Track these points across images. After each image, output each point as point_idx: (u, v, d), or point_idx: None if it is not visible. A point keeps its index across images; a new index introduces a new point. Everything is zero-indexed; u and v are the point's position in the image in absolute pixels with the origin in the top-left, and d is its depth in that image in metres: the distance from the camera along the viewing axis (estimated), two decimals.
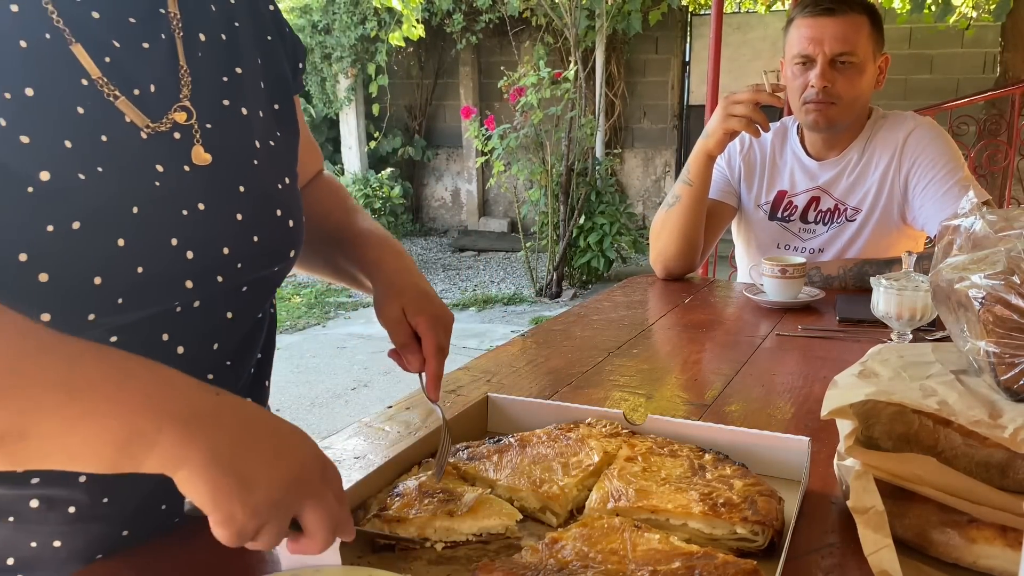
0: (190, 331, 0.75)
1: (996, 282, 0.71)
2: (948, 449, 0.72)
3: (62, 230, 0.64)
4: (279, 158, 0.84)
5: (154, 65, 0.74)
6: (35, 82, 0.65)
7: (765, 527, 0.70)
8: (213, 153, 0.76)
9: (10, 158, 0.63)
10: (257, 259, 0.79)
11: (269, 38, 0.88)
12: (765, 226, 1.94)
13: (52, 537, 0.73)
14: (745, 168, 1.95)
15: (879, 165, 1.82)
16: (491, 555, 0.72)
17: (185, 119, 0.74)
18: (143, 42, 0.74)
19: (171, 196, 0.72)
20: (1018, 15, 5.42)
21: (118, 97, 0.70)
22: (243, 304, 0.80)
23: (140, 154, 0.70)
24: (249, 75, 0.83)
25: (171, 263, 0.71)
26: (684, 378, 1.23)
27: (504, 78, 5.89)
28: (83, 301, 0.66)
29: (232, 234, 0.76)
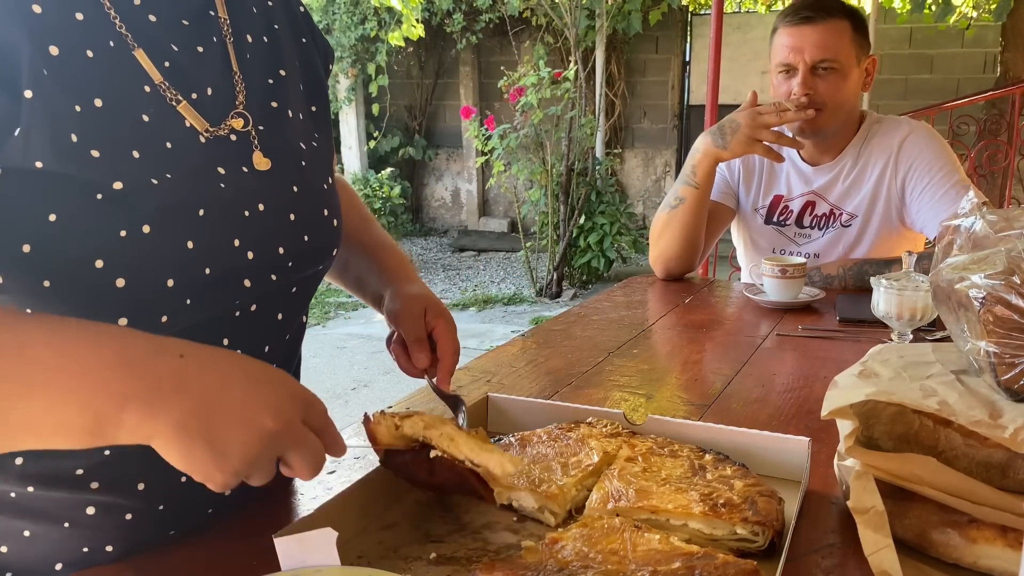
0: (246, 334, 0.76)
1: (996, 282, 0.71)
2: (948, 449, 0.72)
3: (134, 235, 0.64)
4: (321, 159, 0.84)
5: (210, 69, 0.75)
6: (104, 93, 0.65)
7: (765, 527, 0.70)
8: (270, 157, 0.77)
9: (82, 171, 0.63)
10: (306, 258, 0.80)
11: (304, 40, 0.88)
12: (762, 230, 1.95)
13: (105, 542, 0.73)
14: (744, 171, 1.96)
15: (874, 170, 1.82)
16: (491, 555, 0.72)
17: (242, 125, 0.75)
18: (198, 45, 0.74)
19: (233, 198, 0.73)
20: (1018, 15, 5.42)
21: (179, 102, 0.70)
22: (292, 305, 0.82)
23: (202, 158, 0.71)
24: (291, 77, 0.83)
25: (234, 263, 0.72)
26: (684, 378, 1.23)
27: (504, 78, 5.89)
28: (157, 304, 0.67)
29: (286, 234, 0.77)
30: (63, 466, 0.70)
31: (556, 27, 6.90)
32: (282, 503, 0.82)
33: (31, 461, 0.70)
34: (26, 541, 0.72)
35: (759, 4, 7.54)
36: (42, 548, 0.72)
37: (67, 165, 0.62)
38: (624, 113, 8.11)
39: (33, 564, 0.72)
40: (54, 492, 0.71)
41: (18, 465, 0.70)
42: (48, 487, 0.71)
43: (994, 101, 5.22)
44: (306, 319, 0.90)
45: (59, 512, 0.71)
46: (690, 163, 1.82)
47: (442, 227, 9.00)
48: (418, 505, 0.81)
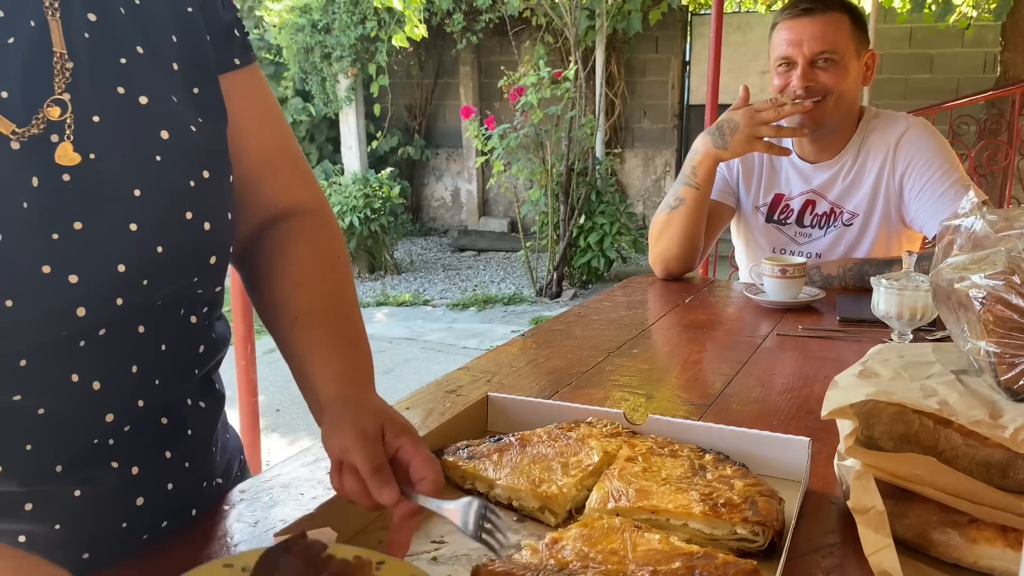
0: (101, 363, 0.67)
1: (996, 282, 0.71)
2: (948, 449, 0.72)
3: None
4: (195, 150, 0.71)
5: (20, 59, 0.63)
6: None
7: (765, 527, 0.70)
8: (94, 151, 0.64)
9: None
10: (166, 272, 0.68)
11: (190, 10, 0.74)
12: (763, 229, 1.94)
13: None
14: (743, 170, 1.96)
15: (873, 168, 1.82)
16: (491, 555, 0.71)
17: (58, 114, 0.63)
18: (8, 37, 0.63)
19: (41, 216, 0.62)
20: (1018, 15, 5.42)
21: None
22: (159, 319, 0.71)
23: (10, 169, 0.61)
24: (154, 57, 0.70)
25: (48, 292, 0.62)
26: (684, 378, 1.23)
27: (504, 78, 5.89)
28: None
29: (126, 248, 0.65)
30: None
31: (556, 27, 6.91)
32: (283, 503, 0.82)
33: None
34: None
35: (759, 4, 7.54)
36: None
37: None
38: (624, 113, 8.11)
39: None
40: None
41: None
42: None
43: (994, 101, 5.22)
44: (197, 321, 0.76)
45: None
46: (690, 164, 1.82)
47: (442, 227, 9.00)
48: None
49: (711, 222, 1.92)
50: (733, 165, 1.96)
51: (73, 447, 0.68)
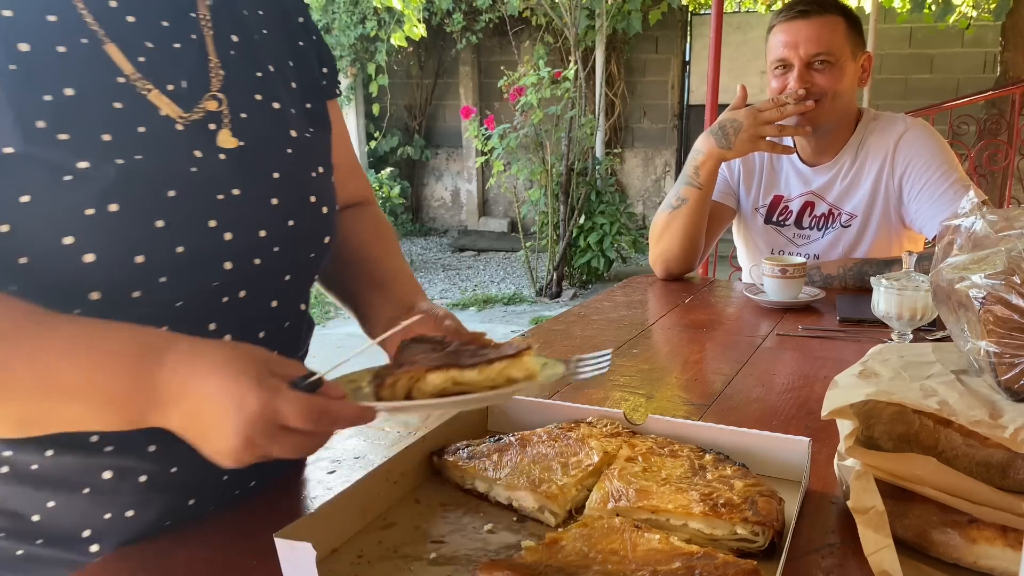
0: (236, 321, 0.80)
1: (996, 282, 0.71)
2: (948, 449, 0.72)
3: (101, 213, 0.69)
4: (313, 150, 0.88)
5: (185, 62, 0.79)
6: (74, 83, 0.71)
7: (765, 527, 0.70)
8: (245, 139, 0.80)
9: (49, 153, 0.68)
10: (293, 244, 0.83)
11: (301, 44, 0.93)
12: (761, 230, 1.95)
13: (125, 508, 0.77)
14: (744, 171, 1.96)
15: (872, 169, 1.82)
16: (491, 555, 0.72)
17: (216, 106, 0.79)
18: (174, 43, 0.80)
19: (207, 181, 0.76)
20: (1018, 15, 5.42)
21: (151, 91, 0.75)
22: (287, 293, 0.86)
23: (176, 143, 0.76)
24: (280, 76, 0.88)
25: (210, 243, 0.76)
26: (684, 378, 1.23)
27: (504, 78, 5.89)
28: (128, 279, 0.71)
29: (268, 218, 0.80)
30: (78, 432, 0.74)
31: (556, 27, 6.91)
32: (283, 503, 0.82)
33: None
34: (50, 511, 0.76)
35: (759, 4, 7.54)
36: (67, 517, 0.77)
37: (34, 148, 0.68)
38: (624, 113, 8.11)
39: (64, 531, 0.77)
40: (70, 457, 0.75)
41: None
42: (65, 452, 0.75)
43: (994, 101, 5.22)
44: (306, 308, 0.92)
45: (77, 479, 0.76)
46: (692, 164, 1.82)
47: (442, 227, 9.00)
48: (418, 505, 0.81)
49: (712, 223, 1.92)
50: (734, 166, 1.96)
51: None
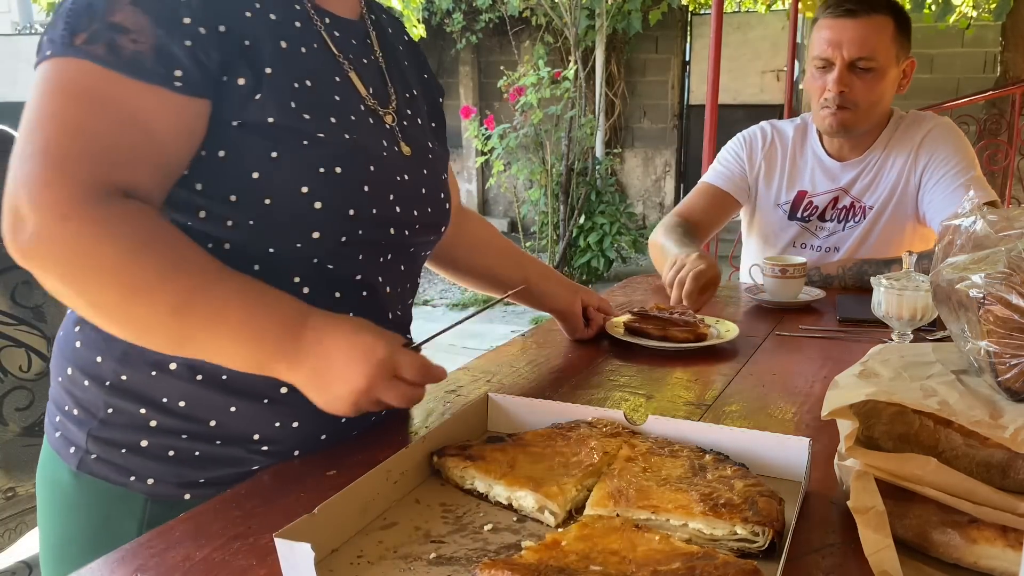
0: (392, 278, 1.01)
1: (996, 282, 0.71)
2: (949, 449, 0.72)
3: (329, 172, 0.88)
4: (441, 158, 1.10)
5: (371, 75, 1.00)
6: (312, 77, 0.90)
7: (765, 528, 0.70)
8: (411, 147, 1.02)
9: (297, 125, 0.86)
10: (426, 225, 1.04)
11: (425, 76, 1.16)
12: (784, 226, 1.92)
13: (293, 419, 0.92)
14: (766, 165, 1.93)
15: (895, 164, 1.81)
16: (491, 555, 0.71)
17: (392, 120, 1.00)
18: (364, 58, 1.00)
19: (391, 165, 0.96)
20: (1018, 15, 5.42)
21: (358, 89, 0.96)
22: (410, 263, 1.05)
23: (372, 133, 0.96)
24: (419, 98, 1.10)
25: (388, 211, 0.96)
26: (684, 378, 1.23)
27: (504, 78, 5.89)
28: (341, 226, 0.90)
29: (418, 201, 1.01)
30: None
31: (556, 27, 6.91)
32: (282, 502, 0.82)
33: None
34: (231, 415, 0.90)
35: (759, 4, 7.53)
36: (244, 422, 0.90)
37: (288, 121, 0.86)
38: (624, 113, 8.11)
39: (234, 434, 0.91)
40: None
41: None
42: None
43: (994, 101, 5.22)
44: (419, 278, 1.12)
45: (261, 390, 0.90)
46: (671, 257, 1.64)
47: None
48: (418, 505, 0.81)
49: (718, 213, 1.90)
50: (756, 160, 1.93)
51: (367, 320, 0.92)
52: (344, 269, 0.94)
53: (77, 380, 0.92)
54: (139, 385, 0.89)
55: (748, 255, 2.07)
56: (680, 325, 1.38)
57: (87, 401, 0.91)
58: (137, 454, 0.90)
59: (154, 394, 0.89)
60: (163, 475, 0.90)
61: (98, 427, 0.90)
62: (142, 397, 0.89)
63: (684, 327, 1.37)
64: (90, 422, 0.91)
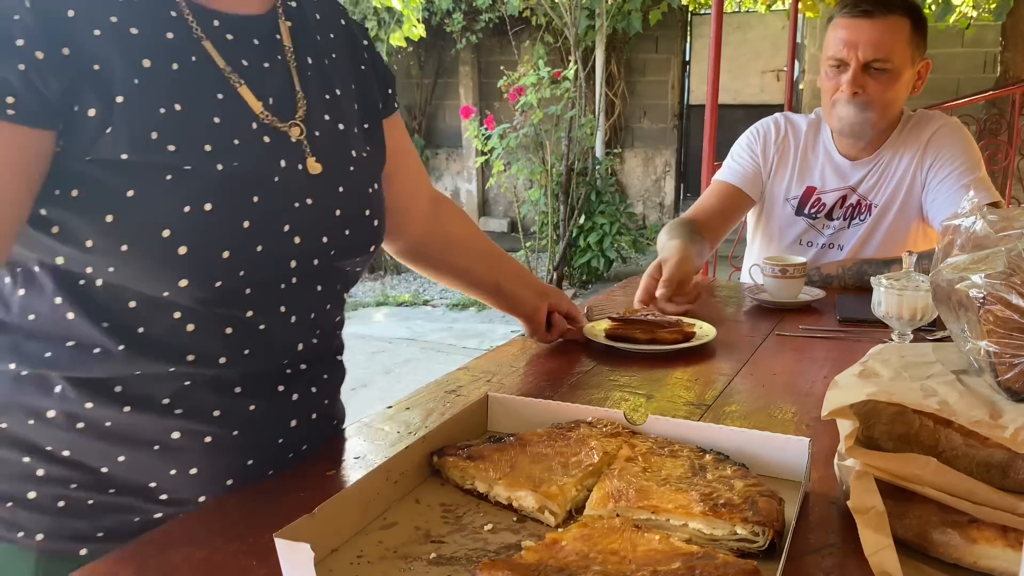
0: (295, 303, 0.90)
1: (996, 282, 0.71)
2: (949, 449, 0.72)
3: (197, 211, 0.78)
4: (369, 168, 0.98)
5: (273, 82, 0.88)
6: (184, 99, 0.79)
7: (766, 528, 0.70)
8: (321, 162, 0.90)
9: (159, 160, 0.77)
10: (347, 249, 0.93)
11: (363, 68, 1.02)
12: (791, 221, 1.92)
13: (190, 465, 0.85)
14: (779, 158, 1.92)
15: (903, 162, 1.82)
16: (491, 555, 0.71)
17: (298, 134, 0.88)
18: (264, 62, 0.88)
19: (286, 190, 0.86)
20: (1018, 15, 5.42)
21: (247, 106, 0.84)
22: (330, 285, 0.95)
23: (264, 156, 0.85)
24: (345, 98, 0.96)
25: (283, 245, 0.86)
26: (684, 378, 1.23)
27: (504, 78, 5.89)
28: (213, 271, 0.80)
29: (331, 226, 0.90)
30: (153, 394, 0.84)
31: (556, 27, 6.91)
32: (283, 502, 0.82)
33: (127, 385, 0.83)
34: (121, 464, 0.84)
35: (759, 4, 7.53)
36: (135, 470, 0.84)
37: (147, 156, 0.76)
38: (624, 113, 8.11)
39: (128, 483, 0.85)
40: (145, 416, 0.83)
41: (117, 392, 0.83)
42: (141, 411, 0.83)
43: (994, 101, 5.22)
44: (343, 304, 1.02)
45: (151, 437, 0.84)
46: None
47: None
48: (418, 505, 0.81)
49: (732, 212, 1.89)
50: (770, 153, 1.92)
51: (270, 357, 0.89)
52: (232, 308, 0.84)
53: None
54: (20, 433, 0.83)
55: (752, 252, 2.06)
56: (666, 327, 1.37)
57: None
58: (24, 507, 0.83)
59: (37, 442, 0.83)
60: (54, 529, 0.83)
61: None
62: (24, 444, 0.83)
63: (670, 328, 1.36)
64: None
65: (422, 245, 1.22)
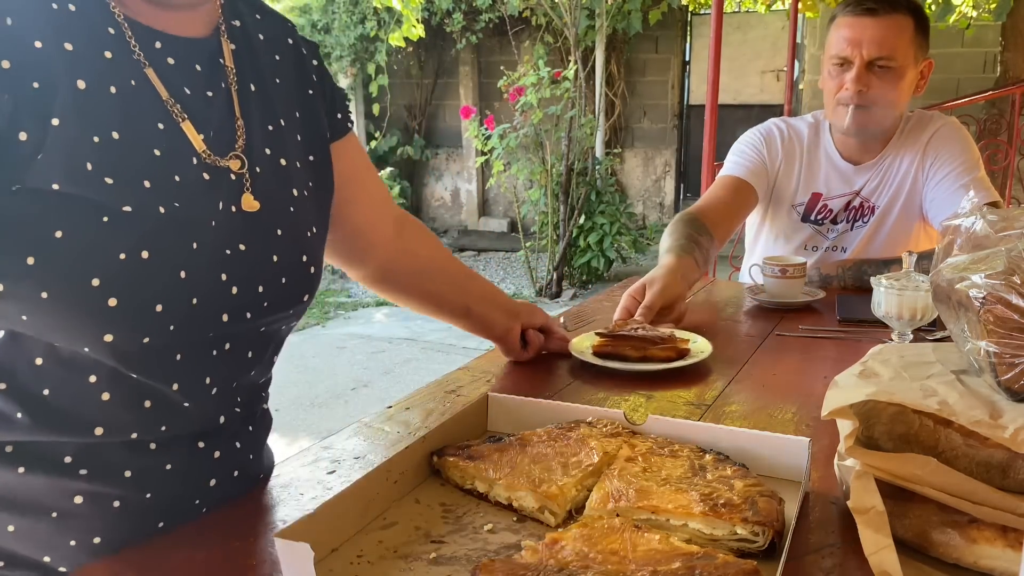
0: (222, 371, 0.81)
1: (996, 282, 0.71)
2: (949, 449, 0.72)
3: (133, 259, 0.69)
4: (311, 208, 0.89)
5: (216, 112, 0.80)
6: (121, 127, 0.71)
7: (765, 528, 0.70)
8: (260, 200, 0.81)
9: (95, 195, 0.68)
10: (281, 299, 0.84)
11: (310, 92, 0.93)
12: (797, 227, 1.91)
13: (93, 534, 0.76)
14: (786, 160, 1.90)
15: (904, 163, 1.82)
16: (491, 555, 0.71)
17: (238, 167, 0.80)
18: (207, 90, 0.80)
19: (221, 235, 0.77)
20: (1018, 15, 5.42)
21: (187, 140, 0.76)
22: (259, 346, 0.86)
23: (204, 195, 0.76)
24: (288, 129, 0.88)
25: (219, 296, 0.77)
26: (684, 378, 1.23)
27: (504, 78, 5.89)
28: (142, 325, 0.71)
29: (266, 274, 0.82)
30: (53, 451, 0.74)
31: (556, 27, 6.90)
32: (283, 503, 0.82)
33: (22, 445, 0.74)
34: (11, 536, 0.75)
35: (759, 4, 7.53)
36: (28, 542, 0.75)
37: (81, 189, 0.67)
38: (624, 113, 8.11)
39: (18, 557, 0.75)
40: (43, 478, 0.74)
41: (8, 452, 0.74)
42: (38, 472, 0.74)
43: (994, 101, 5.22)
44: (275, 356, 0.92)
45: (47, 502, 0.74)
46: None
47: (442, 227, 9.00)
48: (418, 505, 0.81)
49: (739, 207, 1.86)
50: (776, 154, 1.90)
51: (188, 428, 0.81)
52: (154, 375, 0.75)
53: None
54: None
55: (755, 255, 2.04)
56: (658, 342, 1.25)
57: None
58: None
59: None
60: None
61: None
62: None
63: (663, 344, 1.25)
64: None
65: (389, 271, 1.15)
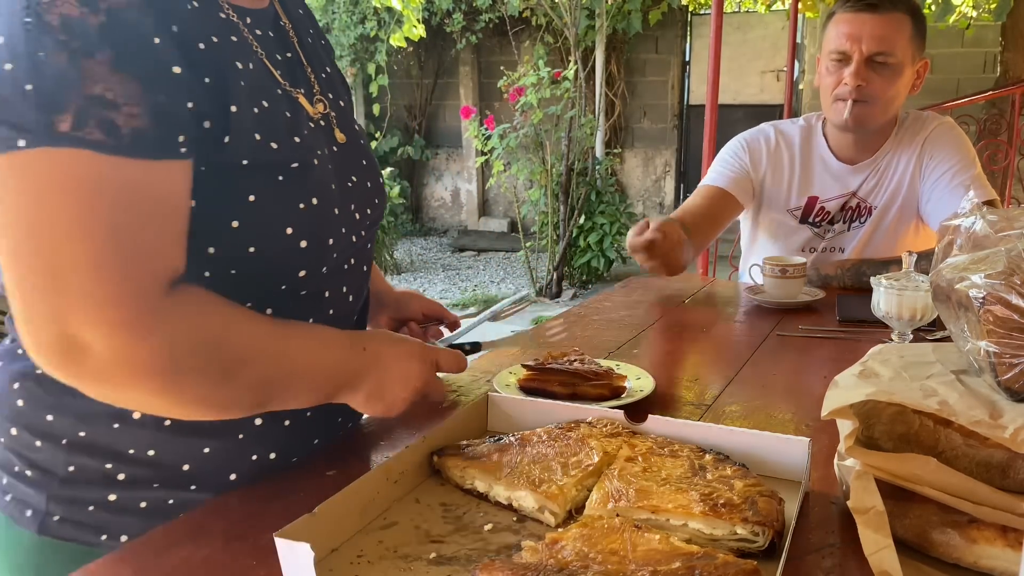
0: (354, 284, 0.96)
1: (996, 282, 0.71)
2: (948, 449, 0.72)
3: (309, 205, 0.83)
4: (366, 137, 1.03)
5: (295, 68, 0.91)
6: (262, 97, 0.81)
7: (765, 528, 0.70)
8: (346, 135, 0.95)
9: (268, 159, 0.79)
10: (376, 220, 0.99)
11: (323, 42, 1.04)
12: (795, 230, 1.91)
13: (269, 450, 0.89)
14: (772, 170, 1.90)
15: (900, 164, 1.82)
16: (491, 555, 0.72)
17: (324, 108, 0.92)
18: (287, 52, 0.90)
19: (340, 172, 0.91)
20: (1018, 15, 5.42)
21: (299, 98, 0.88)
22: (367, 257, 1.01)
23: (320, 141, 0.88)
24: (334, 74, 1.00)
25: (353, 223, 0.92)
26: (684, 378, 1.23)
27: (504, 78, 5.89)
28: (321, 259, 0.86)
29: (369, 198, 0.97)
30: None
31: (556, 27, 6.90)
32: (283, 503, 0.82)
33: None
34: (205, 457, 0.86)
35: (759, 4, 7.53)
36: (219, 461, 0.86)
37: (259, 158, 0.78)
38: (624, 113, 8.10)
39: (213, 476, 0.86)
40: None
41: None
42: None
43: (994, 101, 5.22)
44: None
45: (234, 425, 0.86)
46: None
47: (442, 227, 9.00)
48: (418, 505, 0.81)
49: (718, 215, 1.87)
50: (761, 165, 1.90)
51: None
52: (315, 291, 0.89)
53: (26, 440, 0.84)
54: (102, 439, 0.83)
55: (752, 258, 2.04)
56: (591, 378, 1.11)
57: (43, 461, 0.84)
58: (106, 510, 0.84)
59: (120, 446, 0.83)
60: (136, 529, 0.82)
61: (60, 487, 0.84)
62: (106, 451, 0.83)
63: (596, 381, 1.11)
64: (50, 483, 0.84)
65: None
